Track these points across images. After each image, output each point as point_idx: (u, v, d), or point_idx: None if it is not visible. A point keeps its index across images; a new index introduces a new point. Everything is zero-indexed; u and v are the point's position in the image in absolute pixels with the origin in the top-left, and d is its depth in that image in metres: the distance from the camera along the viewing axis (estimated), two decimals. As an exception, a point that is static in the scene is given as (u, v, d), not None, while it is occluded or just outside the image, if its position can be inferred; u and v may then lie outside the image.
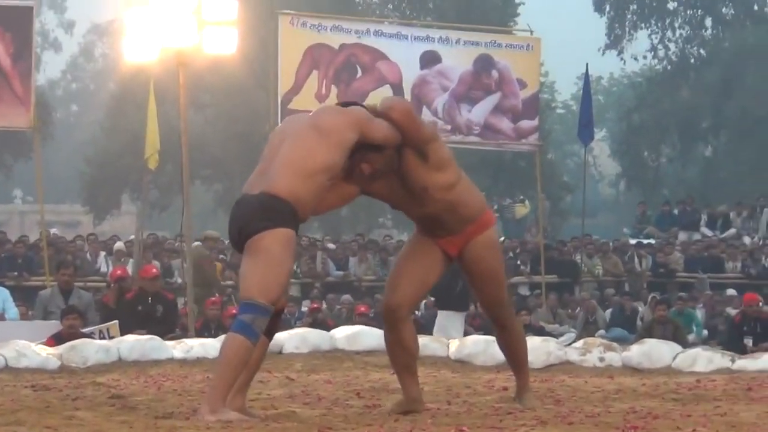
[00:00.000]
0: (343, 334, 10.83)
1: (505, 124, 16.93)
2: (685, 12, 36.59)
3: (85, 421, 5.64)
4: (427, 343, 10.32)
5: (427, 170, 6.14)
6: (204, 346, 10.24)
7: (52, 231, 23.42)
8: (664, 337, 12.85)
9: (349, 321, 15.20)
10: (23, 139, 28.54)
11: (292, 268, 6.07)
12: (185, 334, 12.48)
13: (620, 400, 7.25)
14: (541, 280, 18.42)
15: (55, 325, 11.84)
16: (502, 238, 22.36)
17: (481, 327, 14.55)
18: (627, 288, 20.50)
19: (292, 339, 10.66)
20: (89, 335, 11.30)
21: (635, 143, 35.95)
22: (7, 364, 9.38)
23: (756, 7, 36.13)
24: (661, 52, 36.82)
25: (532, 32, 17.70)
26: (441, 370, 9.70)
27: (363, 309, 15.79)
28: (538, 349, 10.08)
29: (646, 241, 22.93)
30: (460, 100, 16.65)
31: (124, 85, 30.43)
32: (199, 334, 12.61)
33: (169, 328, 12.60)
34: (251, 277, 5.74)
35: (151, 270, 13.79)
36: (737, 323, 14.39)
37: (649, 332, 14.03)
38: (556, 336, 14.45)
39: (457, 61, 16.72)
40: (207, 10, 13.17)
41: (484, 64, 16.75)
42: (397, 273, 6.43)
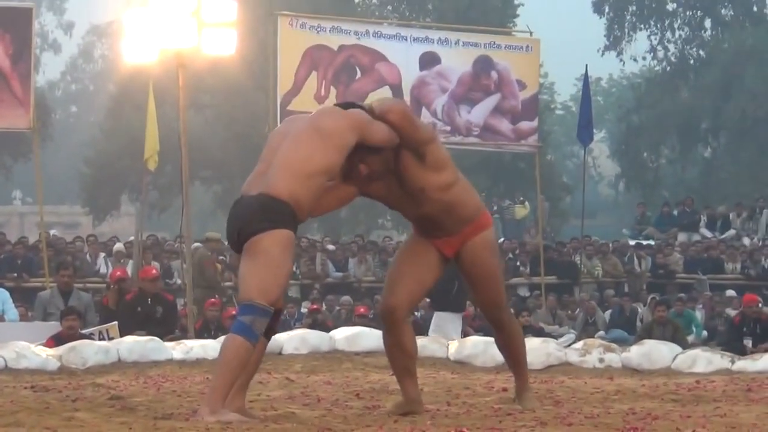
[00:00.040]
0: (343, 335, 10.84)
1: (504, 125, 16.93)
2: (684, 13, 36.58)
3: (85, 422, 5.63)
4: (427, 344, 10.33)
5: (425, 171, 6.15)
6: (203, 347, 10.26)
7: (52, 232, 23.38)
8: (663, 338, 12.85)
9: (349, 322, 15.19)
10: (23, 140, 28.52)
11: (291, 269, 6.07)
12: (185, 335, 12.47)
13: (620, 401, 7.25)
14: (541, 281, 18.40)
15: (54, 326, 11.84)
16: (502, 239, 22.34)
17: (480, 328, 14.54)
18: (626, 289, 20.47)
19: (291, 340, 10.67)
20: (89, 336, 11.31)
21: (635, 144, 35.92)
22: (7, 365, 9.39)
23: (755, 9, 36.10)
24: (661, 53, 36.82)
25: (531, 33, 17.71)
26: (440, 371, 9.71)
27: (362, 310, 15.77)
28: (538, 350, 10.09)
29: (645, 242, 22.90)
30: (459, 102, 16.65)
31: (124, 87, 30.43)
32: (199, 336, 12.61)
33: (169, 330, 12.59)
34: (250, 279, 5.74)
35: (151, 271, 13.78)
36: (737, 324, 14.38)
37: (649, 333, 14.03)
38: (556, 337, 14.44)
39: (457, 62, 16.72)
40: (206, 11, 13.17)
41: (484, 65, 16.76)
42: (395, 275, 6.43)
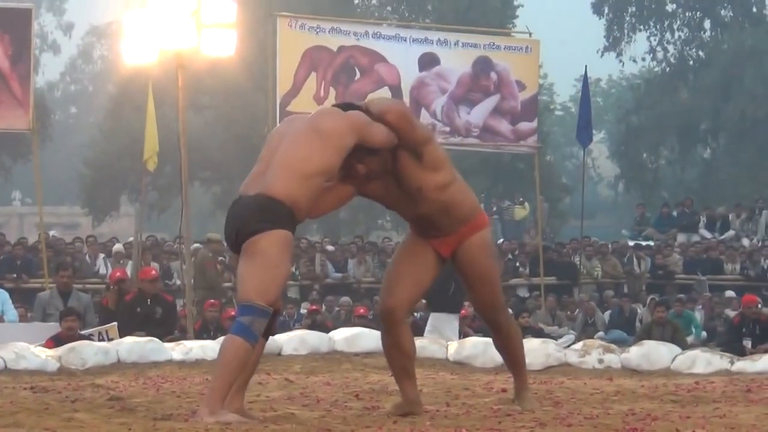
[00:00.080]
0: (342, 336, 10.84)
1: (503, 126, 16.93)
2: (683, 14, 36.57)
3: (84, 422, 5.63)
4: (426, 345, 10.33)
5: (422, 171, 6.15)
6: (203, 348, 10.26)
7: (51, 233, 23.36)
8: (663, 338, 12.85)
9: (348, 323, 15.18)
10: (22, 141, 28.51)
11: (290, 269, 6.08)
12: (184, 336, 12.47)
13: (619, 401, 7.25)
14: (540, 282, 18.40)
15: (54, 327, 11.84)
16: (501, 240, 22.34)
17: (479, 329, 14.53)
18: (626, 290, 20.47)
19: (291, 341, 10.68)
20: (88, 337, 11.30)
21: (634, 145, 35.91)
22: (6, 366, 9.40)
23: (755, 9, 36.10)
24: (660, 54, 36.81)
25: (530, 34, 17.71)
26: (440, 372, 9.71)
27: (362, 311, 15.77)
28: (537, 351, 10.10)
29: (645, 243, 22.90)
30: (458, 102, 16.65)
31: (123, 87, 30.42)
32: (198, 336, 12.61)
33: (168, 330, 12.58)
34: (249, 280, 5.74)
35: (150, 272, 13.78)
36: (736, 325, 14.38)
37: (648, 334, 14.03)
38: (555, 338, 14.45)
39: (456, 63, 16.72)
40: (206, 12, 13.18)
41: (483, 66, 16.76)
42: (393, 275, 6.44)
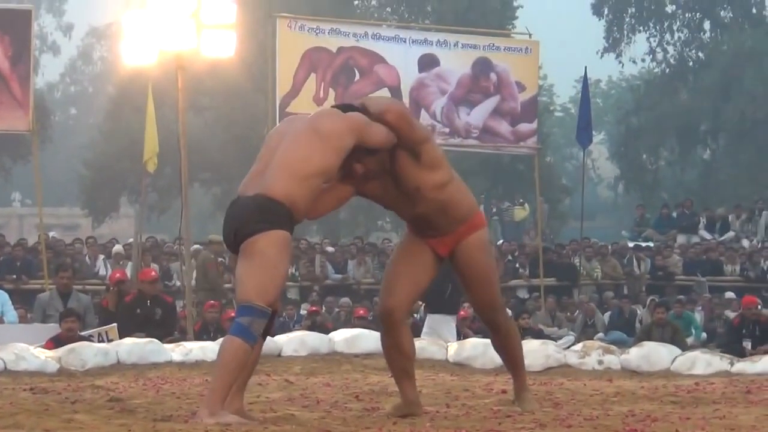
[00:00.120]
0: (342, 337, 10.84)
1: (503, 127, 16.93)
2: (683, 15, 36.58)
3: (84, 424, 5.63)
4: (426, 346, 10.33)
5: (420, 170, 6.16)
6: (203, 349, 10.25)
7: (51, 234, 23.36)
8: (662, 340, 12.85)
9: (348, 324, 15.16)
10: (22, 142, 28.50)
11: (288, 270, 6.08)
12: (184, 337, 12.47)
13: (619, 403, 7.25)
14: (540, 283, 18.39)
15: (53, 328, 11.84)
16: (501, 241, 22.35)
17: (479, 330, 14.53)
18: (626, 291, 20.46)
19: (290, 342, 10.67)
20: (88, 338, 11.30)
21: (634, 146, 35.92)
22: (6, 367, 9.39)
23: (754, 10, 36.11)
24: (660, 56, 36.81)
25: (530, 35, 17.71)
26: (440, 373, 9.71)
27: (362, 312, 15.76)
28: (537, 352, 10.09)
29: (644, 244, 22.89)
30: (458, 103, 16.65)
31: (123, 89, 30.41)
32: (198, 337, 12.61)
33: (168, 331, 12.58)
34: (248, 280, 5.74)
35: (150, 273, 13.78)
36: (736, 326, 14.38)
37: (648, 335, 14.03)
38: (555, 339, 14.45)
39: (456, 64, 16.72)
40: (205, 13, 13.18)
41: (483, 67, 16.75)
42: (392, 276, 6.44)
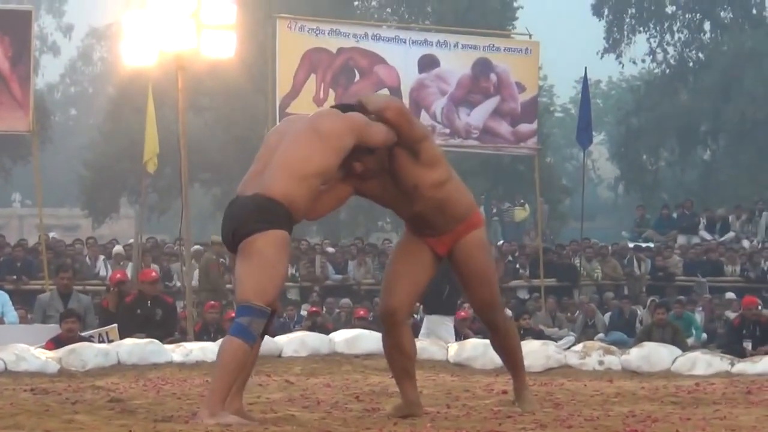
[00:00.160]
0: (342, 338, 10.84)
1: (503, 127, 16.93)
2: (683, 16, 36.58)
3: (85, 424, 5.63)
4: (426, 347, 10.32)
5: (418, 168, 6.16)
6: (203, 350, 10.26)
7: (51, 235, 23.36)
8: (663, 340, 12.84)
9: (348, 324, 15.16)
10: (22, 143, 28.50)
11: (287, 269, 6.08)
12: (184, 338, 12.47)
13: (619, 403, 7.25)
14: (540, 283, 18.39)
15: (54, 329, 11.83)
16: (501, 242, 22.35)
17: (479, 330, 14.53)
18: (626, 291, 20.46)
19: (291, 342, 10.67)
20: (88, 339, 11.30)
21: (634, 147, 35.91)
22: (7, 368, 9.39)
23: (755, 11, 36.12)
24: (660, 56, 36.81)
25: (530, 36, 17.70)
26: (440, 374, 9.71)
27: (362, 312, 15.76)
28: (538, 353, 10.10)
29: (645, 245, 22.90)
30: (458, 104, 16.64)
31: (123, 89, 30.41)
32: (198, 338, 12.61)
33: (169, 332, 12.58)
34: (247, 280, 5.74)
35: (151, 274, 13.78)
36: (736, 327, 14.37)
37: (649, 336, 14.02)
38: (556, 340, 14.45)
39: (456, 65, 16.71)
40: (205, 13, 13.18)
41: (483, 67, 16.75)
42: (392, 276, 6.44)
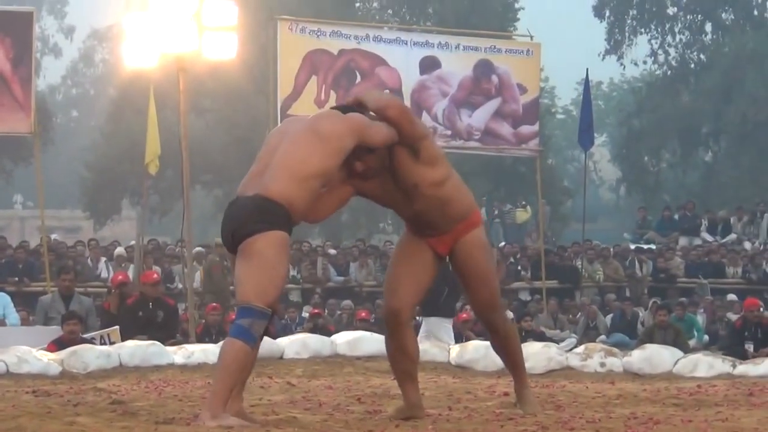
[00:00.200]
0: (344, 340, 10.83)
1: (505, 129, 16.92)
2: (684, 17, 36.59)
3: (86, 426, 5.63)
4: (428, 349, 10.31)
5: (419, 166, 6.16)
6: (205, 352, 10.24)
7: (53, 236, 23.36)
8: (665, 342, 12.83)
9: (350, 326, 15.15)
10: (23, 145, 28.48)
11: (287, 270, 6.07)
12: (186, 340, 12.47)
13: (621, 405, 7.24)
14: (542, 285, 18.40)
15: (56, 331, 11.83)
16: (503, 243, 22.34)
17: (481, 332, 14.53)
18: (628, 293, 20.46)
19: (292, 344, 10.66)
20: (90, 341, 11.29)
21: (635, 148, 35.92)
22: (9, 370, 9.39)
23: (756, 12, 36.12)
24: (661, 58, 36.83)
25: (532, 37, 17.70)
26: (442, 376, 9.70)
27: (364, 314, 15.77)
28: (539, 355, 10.08)
29: (646, 247, 22.90)
30: (460, 106, 16.64)
31: (124, 91, 30.42)
32: (200, 340, 12.61)
33: (170, 334, 12.58)
34: (247, 282, 5.73)
35: (152, 275, 13.78)
36: (738, 328, 14.37)
37: (650, 337, 14.01)
38: (557, 341, 14.44)
39: (457, 67, 16.71)
40: (207, 15, 13.18)
41: (484, 69, 16.75)
42: (394, 277, 6.43)
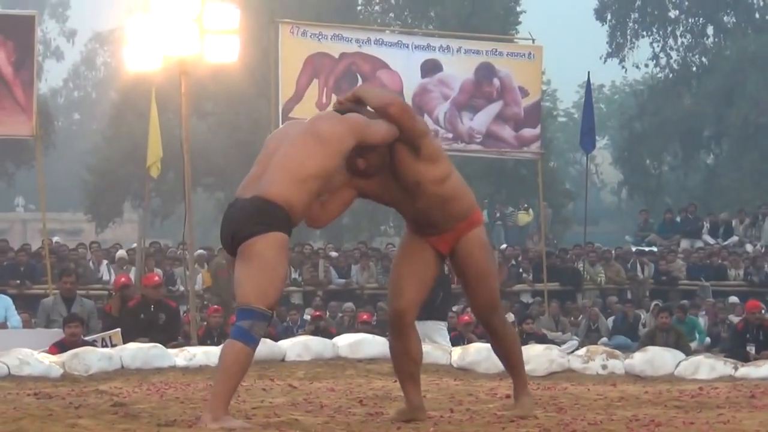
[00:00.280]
0: (346, 342, 10.83)
1: (506, 132, 16.93)
2: (686, 20, 36.58)
3: (88, 429, 5.63)
4: (430, 351, 10.31)
5: (420, 164, 6.16)
6: (206, 354, 10.24)
7: (54, 239, 23.37)
8: (666, 344, 12.83)
9: (352, 329, 15.17)
10: (25, 148, 28.50)
11: (287, 272, 6.07)
12: (188, 342, 12.47)
13: (623, 407, 7.24)
14: (544, 287, 18.40)
15: (57, 333, 11.84)
16: (504, 246, 22.34)
17: (483, 335, 14.53)
18: (629, 295, 20.46)
19: (294, 347, 10.66)
20: (92, 343, 11.30)
21: (637, 151, 35.92)
22: (10, 372, 9.38)
23: (757, 15, 36.13)
24: (663, 60, 36.82)
25: (533, 40, 17.70)
26: (443, 378, 9.70)
27: (365, 317, 15.76)
28: (541, 357, 10.08)
29: (648, 249, 22.91)
30: (461, 109, 16.65)
31: (126, 94, 30.44)
32: (202, 342, 12.61)
33: (172, 336, 12.58)
34: (247, 283, 5.73)
35: (154, 278, 13.78)
36: (740, 331, 14.38)
37: (652, 340, 14.02)
38: (559, 344, 14.43)
39: (459, 70, 16.71)
40: (208, 18, 13.20)
41: (486, 72, 16.75)
42: (398, 277, 6.42)
